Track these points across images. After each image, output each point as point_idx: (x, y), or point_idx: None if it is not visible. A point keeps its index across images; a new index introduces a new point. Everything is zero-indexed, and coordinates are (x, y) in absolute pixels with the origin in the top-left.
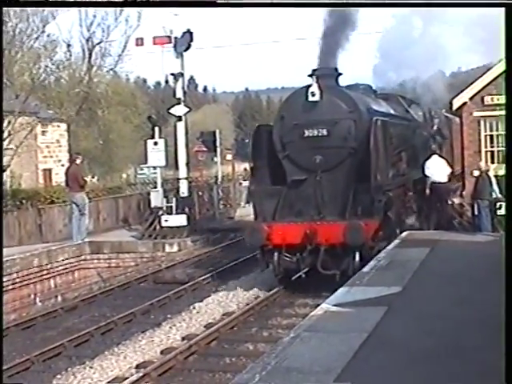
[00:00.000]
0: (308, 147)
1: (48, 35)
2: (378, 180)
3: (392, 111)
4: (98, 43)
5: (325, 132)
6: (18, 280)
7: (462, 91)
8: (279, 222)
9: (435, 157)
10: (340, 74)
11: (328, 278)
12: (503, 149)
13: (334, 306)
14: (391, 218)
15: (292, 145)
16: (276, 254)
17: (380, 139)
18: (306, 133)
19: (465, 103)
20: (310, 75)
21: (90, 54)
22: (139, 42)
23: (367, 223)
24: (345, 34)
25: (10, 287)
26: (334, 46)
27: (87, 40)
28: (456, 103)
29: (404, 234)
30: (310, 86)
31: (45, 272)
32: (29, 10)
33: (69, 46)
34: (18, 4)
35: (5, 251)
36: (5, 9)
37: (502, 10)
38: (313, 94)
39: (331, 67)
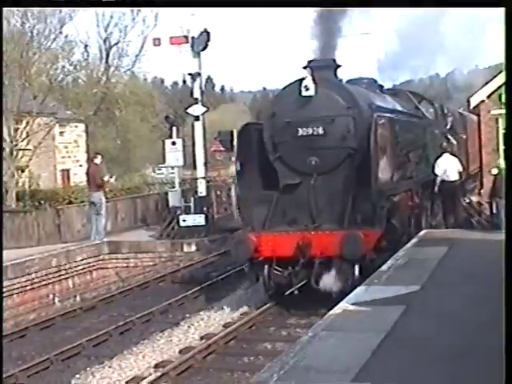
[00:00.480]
0: (302, 148)
1: (66, 36)
2: (380, 184)
3: (399, 107)
4: (116, 44)
5: (320, 131)
6: (36, 280)
7: (479, 89)
8: (269, 232)
9: (446, 155)
10: (339, 66)
11: (325, 294)
12: None
13: (352, 304)
14: (396, 226)
15: (284, 145)
16: (266, 267)
17: (382, 138)
18: (300, 132)
19: (482, 101)
20: (305, 67)
21: (108, 55)
22: (156, 42)
23: (367, 233)
24: (343, 24)
25: (29, 287)
26: (332, 35)
27: (104, 40)
28: (474, 101)
29: (422, 232)
30: (303, 79)
31: (63, 272)
32: (46, 10)
33: (86, 46)
34: (18, 4)
35: (24, 251)
36: (22, 10)
37: (502, 10)
38: (306, 88)
39: (328, 58)
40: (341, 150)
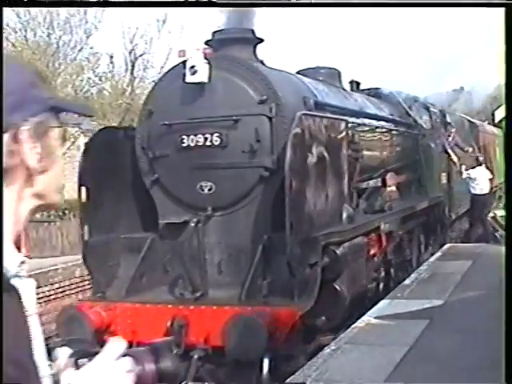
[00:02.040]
0: (189, 166)
1: (91, 47)
2: (309, 227)
3: (374, 111)
4: (141, 55)
5: (216, 139)
6: (60, 290)
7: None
8: (129, 301)
9: (480, 168)
10: (261, 41)
11: None
12: None
13: (375, 318)
14: (342, 292)
15: (164, 162)
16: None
17: (315, 151)
18: (186, 141)
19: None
20: (207, 42)
21: (133, 66)
22: (181, 53)
23: (278, 312)
24: None
25: (53, 297)
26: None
27: (130, 52)
28: (498, 115)
29: (446, 246)
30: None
31: (86, 282)
32: (72, 22)
33: (111, 57)
34: (19, 4)
35: (48, 261)
36: (49, 21)
37: (502, 10)
38: (194, 71)
39: (242, 28)
40: (248, 171)
